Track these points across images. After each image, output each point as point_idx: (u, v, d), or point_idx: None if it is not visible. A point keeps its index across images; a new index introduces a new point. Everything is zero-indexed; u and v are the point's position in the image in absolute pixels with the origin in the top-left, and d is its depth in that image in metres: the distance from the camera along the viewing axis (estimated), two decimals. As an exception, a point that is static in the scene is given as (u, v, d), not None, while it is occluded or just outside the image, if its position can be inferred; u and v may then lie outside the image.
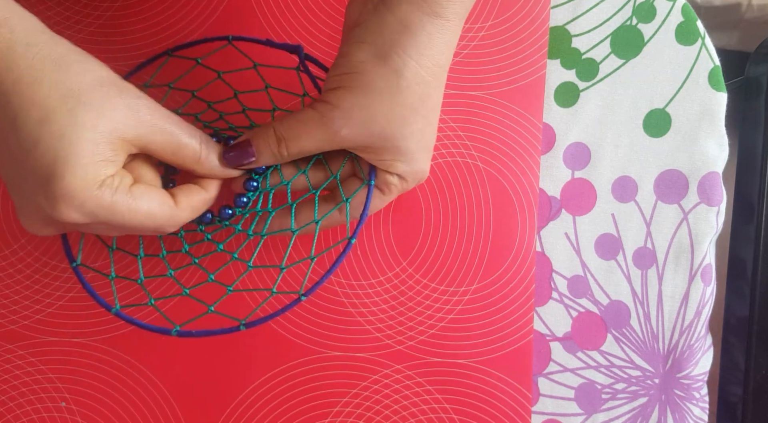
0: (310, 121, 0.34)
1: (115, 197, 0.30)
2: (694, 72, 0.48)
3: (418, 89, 0.33)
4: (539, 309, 0.47)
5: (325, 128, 0.33)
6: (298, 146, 0.35)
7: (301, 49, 0.39)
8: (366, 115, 0.33)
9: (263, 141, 0.35)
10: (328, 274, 0.33)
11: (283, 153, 0.35)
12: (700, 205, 0.47)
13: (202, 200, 0.35)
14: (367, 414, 0.45)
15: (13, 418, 0.45)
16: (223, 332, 0.33)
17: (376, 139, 0.34)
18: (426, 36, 0.32)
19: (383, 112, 0.33)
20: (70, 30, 0.48)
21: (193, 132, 0.33)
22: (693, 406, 0.47)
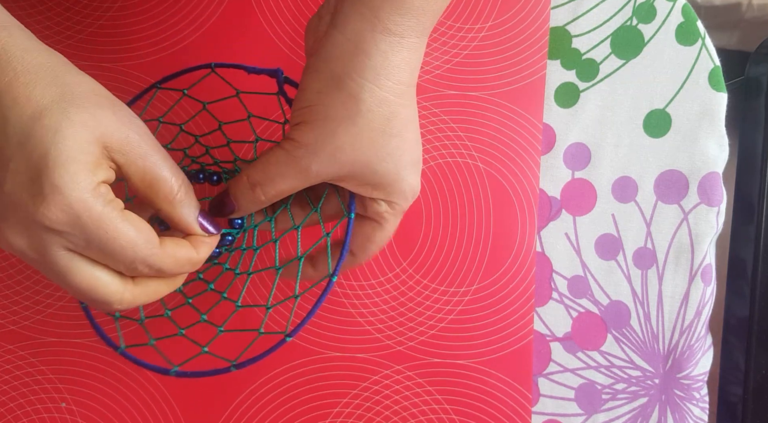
0: (280, 162, 0.33)
1: (105, 209, 0.28)
2: (694, 72, 0.48)
3: (381, 110, 0.31)
4: (539, 309, 0.47)
5: (294, 167, 0.32)
6: (275, 189, 0.33)
7: (279, 73, 0.38)
8: (332, 148, 0.31)
9: (239, 190, 0.34)
10: (310, 315, 0.32)
11: (260, 198, 0.34)
12: (700, 205, 0.47)
13: (188, 258, 0.32)
14: (367, 414, 0.45)
15: (13, 419, 0.45)
16: (215, 373, 0.33)
17: (349, 169, 0.32)
18: (380, 55, 0.31)
19: (349, 141, 0.31)
20: (70, 31, 0.48)
21: (177, 172, 0.31)
22: (693, 406, 0.47)
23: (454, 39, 0.47)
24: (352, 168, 0.32)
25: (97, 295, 0.30)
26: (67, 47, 0.48)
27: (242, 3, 0.48)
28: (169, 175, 0.30)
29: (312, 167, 0.32)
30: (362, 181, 0.33)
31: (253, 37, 0.48)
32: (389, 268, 0.46)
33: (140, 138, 0.29)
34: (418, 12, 0.31)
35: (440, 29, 0.48)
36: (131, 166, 0.29)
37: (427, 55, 0.47)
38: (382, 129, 0.32)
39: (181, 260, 0.31)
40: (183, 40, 0.48)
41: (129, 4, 0.48)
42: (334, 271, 0.34)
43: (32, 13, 0.48)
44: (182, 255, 0.31)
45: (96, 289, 0.29)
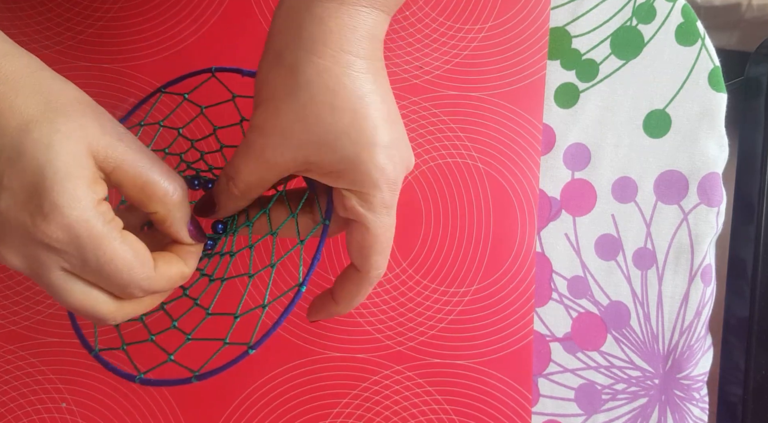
0: (241, 151, 0.31)
1: (105, 229, 0.27)
2: (694, 73, 0.48)
3: (324, 81, 0.28)
4: (539, 309, 0.47)
5: (252, 154, 0.30)
6: (242, 181, 0.31)
7: None
8: (279, 127, 0.29)
9: (218, 186, 0.33)
10: (276, 326, 0.31)
11: (233, 191, 0.32)
12: (700, 205, 0.47)
13: (180, 273, 0.31)
14: (367, 415, 0.45)
15: (13, 419, 0.45)
16: (177, 383, 0.32)
17: (304, 153, 0.29)
18: (316, 22, 0.28)
19: (295, 118, 0.29)
20: (71, 31, 0.48)
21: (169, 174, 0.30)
22: (693, 406, 0.47)
23: (454, 39, 0.47)
24: (308, 151, 0.29)
25: (90, 314, 0.29)
26: (68, 48, 0.48)
27: (242, 3, 0.48)
28: (161, 178, 0.29)
29: (266, 151, 0.30)
30: (323, 167, 0.30)
31: (253, 37, 0.48)
32: (389, 269, 0.46)
33: (126, 144, 0.28)
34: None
35: (440, 30, 0.48)
36: (121, 173, 0.28)
37: (427, 55, 0.47)
38: (329, 103, 0.28)
39: (174, 278, 0.31)
40: (183, 40, 0.48)
41: (129, 5, 0.48)
42: (303, 280, 0.31)
43: (32, 14, 0.48)
44: (174, 273, 0.31)
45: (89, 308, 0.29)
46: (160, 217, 0.30)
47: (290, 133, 0.29)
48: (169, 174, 0.30)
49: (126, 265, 0.28)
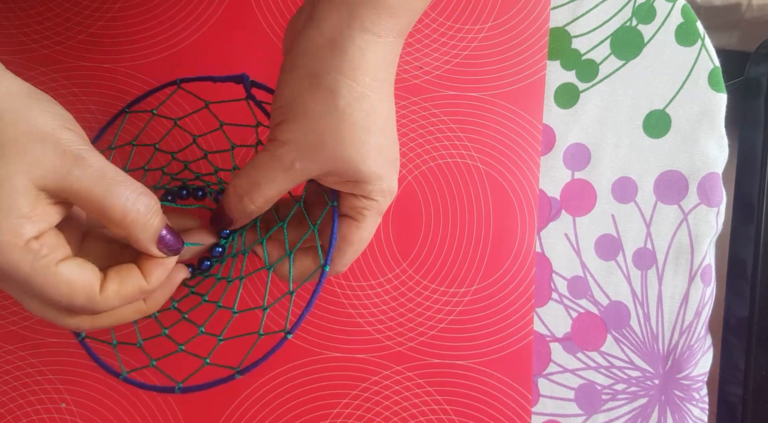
0: (264, 164, 0.32)
1: (35, 266, 0.27)
2: (693, 73, 0.48)
3: (360, 106, 0.31)
4: (539, 310, 0.47)
5: (279, 167, 0.32)
6: (262, 195, 0.33)
7: (245, 77, 0.38)
8: (314, 143, 0.31)
9: (229, 202, 0.34)
10: (308, 308, 0.32)
11: (249, 207, 0.34)
12: (700, 205, 0.47)
13: (138, 290, 0.31)
14: (367, 415, 0.45)
15: (13, 419, 0.45)
16: (220, 383, 0.33)
17: (332, 165, 0.32)
18: (358, 52, 0.31)
19: (330, 136, 0.31)
20: (71, 32, 0.48)
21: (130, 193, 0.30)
22: (693, 406, 0.47)
23: (454, 40, 0.47)
24: (335, 165, 0.32)
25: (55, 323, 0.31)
26: (67, 48, 0.48)
27: (242, 3, 0.48)
28: (117, 201, 0.29)
29: (296, 164, 0.32)
30: (345, 178, 0.33)
31: (253, 37, 0.48)
32: (389, 269, 0.46)
33: (81, 172, 0.28)
34: (394, 11, 0.31)
35: (440, 30, 0.48)
36: (78, 201, 0.29)
37: (427, 55, 0.47)
38: (363, 125, 0.32)
39: (128, 296, 0.31)
40: (183, 40, 0.48)
41: (129, 5, 0.48)
42: (326, 260, 0.34)
43: (32, 14, 0.48)
44: (129, 291, 0.31)
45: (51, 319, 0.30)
46: (121, 238, 0.31)
47: (323, 148, 0.31)
48: (129, 195, 0.29)
49: (62, 295, 0.29)
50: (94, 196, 0.28)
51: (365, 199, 0.34)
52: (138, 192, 0.30)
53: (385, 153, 0.33)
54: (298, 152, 0.32)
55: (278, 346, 0.32)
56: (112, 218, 0.29)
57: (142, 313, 0.33)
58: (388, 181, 0.34)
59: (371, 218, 0.35)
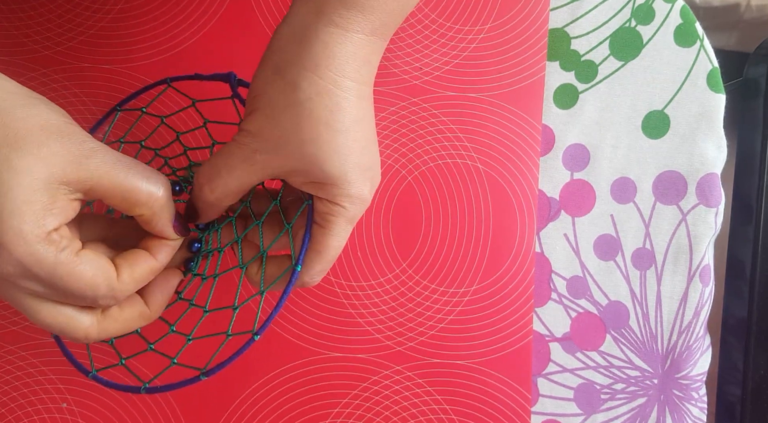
0: (227, 153, 0.32)
1: (59, 257, 0.28)
2: (692, 73, 0.48)
3: (322, 101, 0.30)
4: (538, 310, 0.47)
5: (240, 156, 0.31)
6: (222, 185, 0.32)
7: (232, 76, 0.38)
8: (277, 137, 0.30)
9: (193, 192, 0.33)
10: (276, 310, 0.31)
11: (209, 197, 0.32)
12: (699, 206, 0.47)
13: (149, 270, 0.32)
14: (367, 415, 0.45)
15: (14, 419, 0.46)
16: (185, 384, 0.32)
17: (294, 163, 0.31)
18: (321, 45, 0.30)
19: (293, 130, 0.30)
20: (72, 32, 0.48)
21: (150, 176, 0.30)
22: (692, 406, 0.47)
23: (454, 40, 0.48)
24: (299, 163, 0.31)
25: (64, 332, 0.30)
26: (68, 49, 0.48)
27: (242, 4, 0.48)
28: (141, 182, 0.30)
29: (257, 156, 0.31)
30: (308, 177, 0.32)
31: (253, 38, 0.48)
32: (389, 269, 0.46)
33: (99, 160, 0.29)
34: (364, 7, 0.30)
35: (440, 31, 0.48)
36: (100, 188, 0.29)
37: (426, 56, 0.47)
38: (326, 123, 0.30)
39: (142, 278, 0.31)
40: (184, 41, 0.48)
41: (130, 6, 0.48)
42: (297, 260, 0.33)
43: (33, 15, 0.49)
44: (141, 273, 0.31)
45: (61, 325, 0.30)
46: (146, 218, 0.31)
47: (285, 142, 0.30)
48: (149, 176, 0.30)
49: (87, 284, 0.29)
50: (117, 181, 0.29)
51: (330, 203, 0.33)
52: (155, 173, 0.31)
53: (353, 157, 0.32)
54: (261, 144, 0.31)
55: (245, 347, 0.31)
56: (138, 200, 0.30)
57: (146, 318, 0.33)
58: (357, 188, 0.32)
59: (338, 226, 0.33)
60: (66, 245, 0.28)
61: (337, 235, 0.33)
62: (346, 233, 0.34)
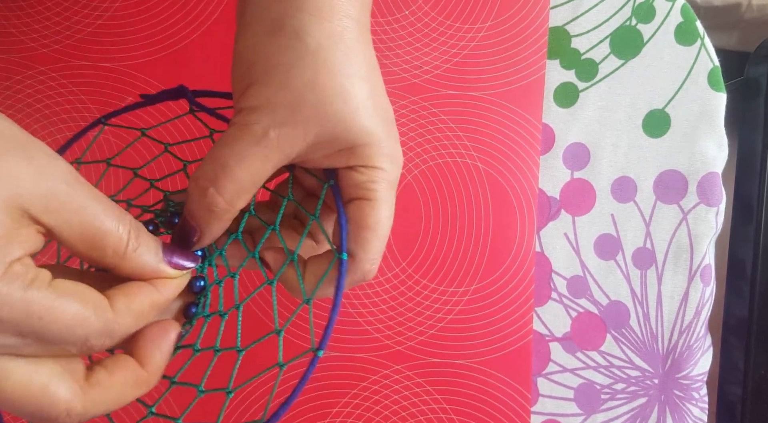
0: (232, 140, 0.26)
1: (28, 293, 0.21)
2: (693, 72, 0.48)
3: (336, 46, 0.26)
4: (538, 309, 0.47)
5: (250, 139, 0.25)
6: (233, 180, 0.26)
7: (184, 89, 0.32)
8: (290, 101, 0.25)
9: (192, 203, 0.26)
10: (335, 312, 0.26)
11: (217, 202, 0.26)
12: (700, 205, 0.47)
13: (151, 303, 0.25)
14: (366, 414, 0.45)
15: (13, 419, 0.45)
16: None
17: (317, 127, 0.26)
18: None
19: (309, 87, 0.25)
20: (69, 30, 0.48)
21: (123, 217, 0.24)
22: (692, 406, 0.47)
23: (454, 39, 0.47)
24: (322, 127, 0.26)
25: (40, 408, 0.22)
26: (66, 47, 0.48)
27: (242, 3, 0.48)
28: (114, 224, 0.23)
29: (271, 133, 0.25)
30: (336, 144, 0.27)
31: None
32: (389, 268, 0.46)
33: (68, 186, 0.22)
34: None
35: (440, 29, 0.48)
36: (65, 226, 0.22)
37: (426, 54, 0.47)
38: (344, 71, 0.26)
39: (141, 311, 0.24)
40: (182, 39, 0.48)
41: (128, 4, 0.48)
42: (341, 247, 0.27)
43: (31, 13, 0.48)
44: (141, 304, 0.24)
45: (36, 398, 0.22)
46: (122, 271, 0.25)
47: (301, 104, 0.25)
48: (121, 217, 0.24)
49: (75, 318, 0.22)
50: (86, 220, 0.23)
51: (369, 168, 0.27)
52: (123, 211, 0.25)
53: (380, 109, 0.27)
54: (273, 116, 0.25)
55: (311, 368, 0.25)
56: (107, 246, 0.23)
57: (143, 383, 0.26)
58: (391, 144, 0.28)
59: (384, 192, 0.28)
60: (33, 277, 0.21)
61: (385, 203, 0.28)
62: (393, 200, 0.29)
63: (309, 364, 0.25)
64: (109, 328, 0.23)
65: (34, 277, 0.21)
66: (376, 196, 0.28)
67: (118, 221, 0.23)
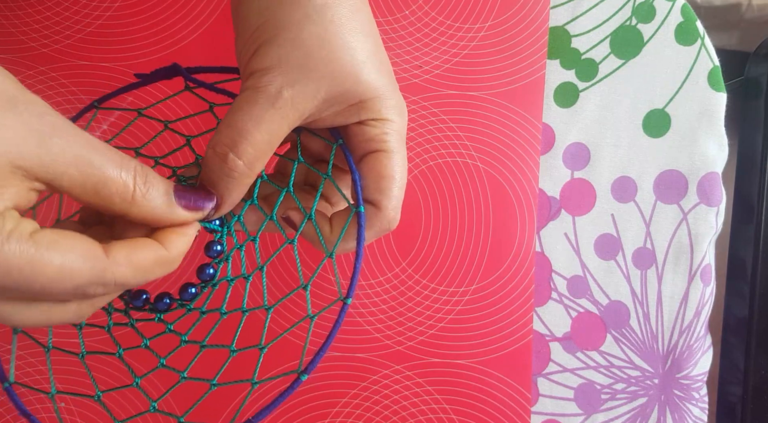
0: (247, 103, 0.26)
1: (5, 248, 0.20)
2: (693, 72, 0.48)
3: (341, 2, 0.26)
4: (539, 309, 0.47)
5: (265, 101, 0.26)
6: (252, 143, 0.26)
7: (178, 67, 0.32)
8: (301, 59, 0.26)
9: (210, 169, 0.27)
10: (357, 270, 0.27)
11: (237, 165, 0.26)
12: (700, 205, 0.47)
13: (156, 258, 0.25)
14: (366, 414, 0.45)
15: (12, 419, 0.45)
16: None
17: (328, 85, 0.26)
18: None
19: (317, 43, 0.26)
20: (70, 30, 0.48)
21: (126, 162, 0.24)
22: (692, 406, 0.46)
23: (454, 38, 0.47)
24: (333, 83, 0.26)
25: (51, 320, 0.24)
26: (66, 47, 0.48)
27: (242, 3, 0.48)
28: (116, 171, 0.23)
29: (284, 92, 0.26)
30: (346, 100, 0.27)
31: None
32: (389, 268, 0.46)
33: (65, 140, 0.22)
34: None
35: (440, 29, 0.48)
36: (64, 178, 0.22)
37: (426, 54, 0.47)
38: (351, 26, 0.27)
39: (143, 264, 0.24)
40: (183, 39, 0.48)
41: (129, 3, 0.48)
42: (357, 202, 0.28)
43: (31, 12, 0.48)
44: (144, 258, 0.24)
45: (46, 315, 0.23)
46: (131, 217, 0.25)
47: (313, 63, 0.26)
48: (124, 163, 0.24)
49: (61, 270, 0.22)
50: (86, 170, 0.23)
51: (379, 121, 0.28)
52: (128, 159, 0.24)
53: (383, 62, 0.28)
54: (285, 76, 0.26)
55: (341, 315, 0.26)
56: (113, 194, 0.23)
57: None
58: (397, 96, 0.29)
59: (396, 142, 0.29)
60: (12, 228, 0.21)
61: (399, 153, 0.29)
62: (405, 150, 0.30)
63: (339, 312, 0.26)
64: (102, 276, 0.23)
65: (12, 229, 0.21)
66: (389, 146, 0.28)
67: (119, 167, 0.23)
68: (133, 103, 0.45)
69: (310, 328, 0.28)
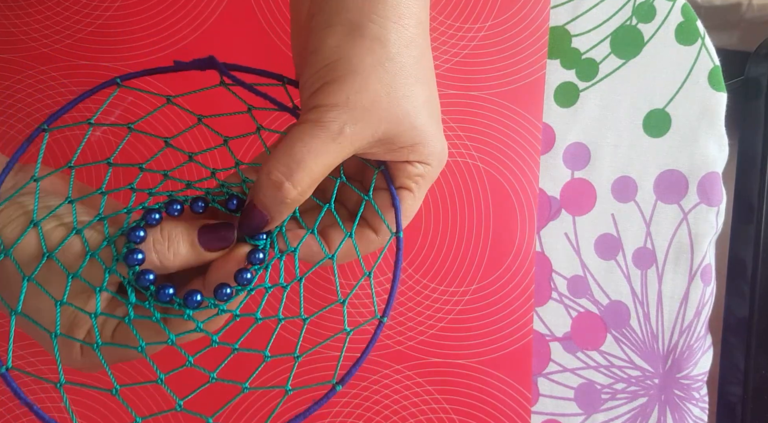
0: (307, 135, 0.27)
1: None
2: (693, 72, 0.48)
3: (410, 52, 0.28)
4: (539, 309, 0.47)
5: (327, 136, 0.27)
6: (309, 175, 0.27)
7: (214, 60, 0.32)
8: (367, 101, 0.27)
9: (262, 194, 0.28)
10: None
11: (291, 194, 0.28)
12: (700, 205, 0.47)
13: None
14: (366, 414, 0.45)
15: (12, 419, 0.45)
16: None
17: (385, 127, 0.28)
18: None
19: (384, 91, 0.28)
20: (69, 30, 0.48)
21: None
22: (692, 406, 0.47)
23: (454, 38, 0.47)
24: (389, 126, 0.28)
25: None
26: (66, 47, 0.48)
27: (242, 3, 0.48)
28: None
29: (346, 129, 0.27)
30: (398, 141, 0.29)
31: (252, 36, 0.48)
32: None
33: None
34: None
35: (440, 29, 0.48)
36: None
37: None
38: (414, 75, 0.28)
39: None
40: (182, 39, 0.48)
41: (128, 3, 0.48)
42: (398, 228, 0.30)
43: (31, 12, 0.48)
44: None
45: None
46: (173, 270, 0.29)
47: (378, 106, 0.28)
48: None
49: None
50: None
51: (421, 164, 0.30)
52: None
53: (435, 108, 0.30)
54: (350, 115, 0.27)
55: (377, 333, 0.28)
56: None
57: None
58: (442, 143, 0.31)
59: (425, 187, 0.31)
60: None
61: (421, 198, 0.32)
62: (426, 190, 0.32)
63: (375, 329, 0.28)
64: None
65: None
66: (418, 189, 0.31)
67: None
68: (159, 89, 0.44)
69: (346, 342, 0.29)
